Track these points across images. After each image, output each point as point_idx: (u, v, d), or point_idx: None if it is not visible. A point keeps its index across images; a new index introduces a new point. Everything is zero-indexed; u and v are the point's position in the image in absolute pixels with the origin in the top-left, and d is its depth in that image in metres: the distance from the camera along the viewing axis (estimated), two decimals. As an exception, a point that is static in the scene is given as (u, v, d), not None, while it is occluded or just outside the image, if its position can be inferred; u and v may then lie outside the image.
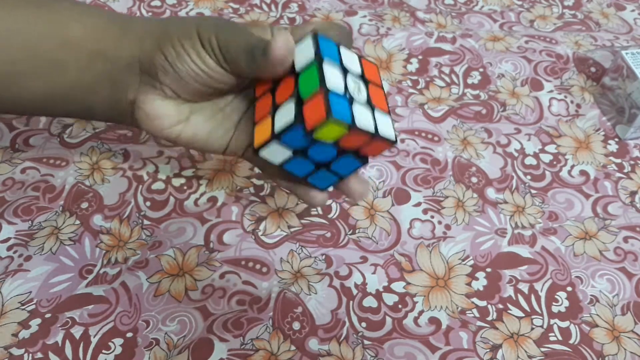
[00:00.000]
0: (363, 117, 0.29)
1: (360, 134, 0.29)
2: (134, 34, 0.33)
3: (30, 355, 0.36)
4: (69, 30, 0.32)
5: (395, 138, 0.30)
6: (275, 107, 0.30)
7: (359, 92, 0.30)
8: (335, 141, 0.29)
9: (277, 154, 0.30)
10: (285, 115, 0.29)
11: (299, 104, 0.29)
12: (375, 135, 0.29)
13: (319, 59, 0.29)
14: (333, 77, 0.29)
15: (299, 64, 0.30)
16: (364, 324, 0.39)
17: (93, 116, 0.36)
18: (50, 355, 0.36)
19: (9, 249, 0.40)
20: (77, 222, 0.42)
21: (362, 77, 0.31)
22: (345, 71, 0.30)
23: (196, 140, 0.35)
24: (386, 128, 0.30)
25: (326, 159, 0.31)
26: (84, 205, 0.43)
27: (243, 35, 0.31)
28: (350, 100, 0.29)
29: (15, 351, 0.36)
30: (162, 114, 0.34)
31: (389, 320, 0.39)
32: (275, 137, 0.29)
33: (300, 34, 0.34)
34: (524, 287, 0.41)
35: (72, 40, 0.32)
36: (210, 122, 0.35)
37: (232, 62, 0.31)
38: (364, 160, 0.32)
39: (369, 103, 0.30)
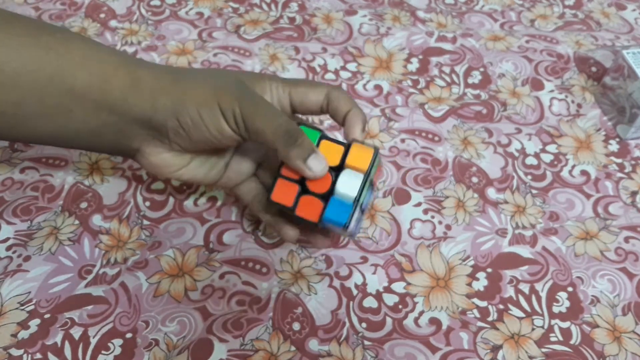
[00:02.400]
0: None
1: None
2: (145, 90, 0.33)
3: (30, 355, 0.36)
4: (75, 78, 0.32)
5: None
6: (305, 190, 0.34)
7: None
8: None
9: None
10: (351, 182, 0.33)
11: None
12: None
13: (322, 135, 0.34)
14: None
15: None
16: (364, 325, 0.39)
17: (98, 151, 0.38)
18: (50, 355, 0.36)
19: (8, 249, 0.40)
20: (77, 222, 0.42)
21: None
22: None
23: (194, 180, 0.38)
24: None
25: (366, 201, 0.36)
26: (83, 205, 0.43)
27: (269, 112, 0.32)
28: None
29: (15, 352, 0.36)
30: (166, 164, 0.36)
31: (389, 320, 0.39)
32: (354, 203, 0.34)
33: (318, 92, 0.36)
34: (525, 288, 0.41)
35: (77, 89, 0.32)
36: (206, 164, 0.37)
37: (256, 135, 0.32)
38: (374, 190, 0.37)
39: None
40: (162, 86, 0.33)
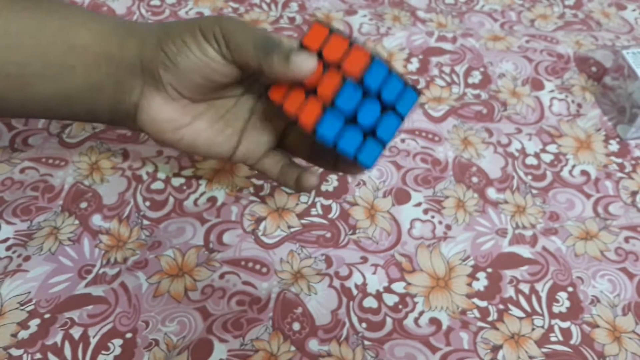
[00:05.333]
0: None
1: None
2: (137, 34, 0.35)
3: (30, 355, 0.36)
4: (77, 36, 0.34)
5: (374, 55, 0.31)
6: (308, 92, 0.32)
7: None
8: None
9: (330, 128, 0.31)
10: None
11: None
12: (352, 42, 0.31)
13: None
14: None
15: None
16: (364, 325, 0.39)
17: (96, 118, 0.37)
18: (50, 356, 0.36)
19: (7, 249, 0.40)
20: (76, 222, 0.42)
21: None
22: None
23: (197, 145, 0.36)
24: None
25: (372, 120, 0.32)
26: (83, 205, 0.43)
27: (249, 28, 0.32)
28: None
29: (15, 352, 0.36)
30: (165, 118, 0.35)
31: (389, 320, 0.39)
32: (329, 105, 0.31)
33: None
34: (525, 288, 0.41)
35: (79, 45, 0.34)
36: (212, 128, 0.36)
37: (237, 51, 0.32)
38: (401, 117, 0.33)
39: None
40: (152, 29, 0.35)
